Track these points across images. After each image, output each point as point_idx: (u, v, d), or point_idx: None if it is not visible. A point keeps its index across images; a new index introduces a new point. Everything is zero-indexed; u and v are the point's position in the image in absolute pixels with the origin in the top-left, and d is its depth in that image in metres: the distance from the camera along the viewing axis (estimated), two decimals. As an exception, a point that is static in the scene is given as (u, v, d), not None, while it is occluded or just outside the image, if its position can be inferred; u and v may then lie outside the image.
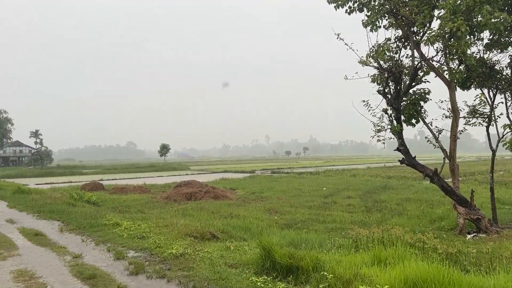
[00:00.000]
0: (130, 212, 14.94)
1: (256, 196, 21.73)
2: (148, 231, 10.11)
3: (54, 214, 13.74)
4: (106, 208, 16.57)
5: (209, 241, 9.60)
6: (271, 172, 48.55)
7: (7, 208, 16.59)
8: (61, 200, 17.14)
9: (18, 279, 6.63)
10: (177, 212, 14.83)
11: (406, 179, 30.92)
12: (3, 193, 22.55)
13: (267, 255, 6.66)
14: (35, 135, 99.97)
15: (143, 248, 8.61)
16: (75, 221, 12.09)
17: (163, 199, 20.32)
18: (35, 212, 14.63)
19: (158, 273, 6.74)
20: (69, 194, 19.48)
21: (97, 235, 10.15)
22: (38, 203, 16.52)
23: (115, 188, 25.87)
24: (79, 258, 7.96)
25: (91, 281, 6.42)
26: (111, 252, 8.40)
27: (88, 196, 19.18)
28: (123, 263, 7.54)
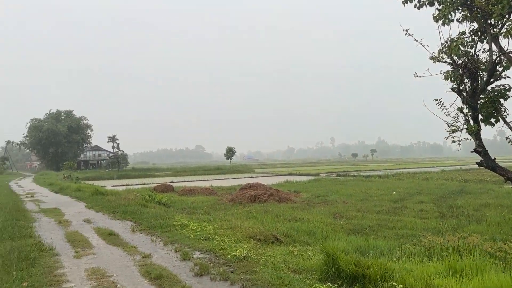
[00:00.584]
0: (197, 214, 15.34)
1: (321, 200, 21.32)
2: (213, 233, 10.27)
3: (127, 215, 14.48)
4: (175, 209, 17.17)
5: (273, 244, 9.52)
6: (336, 175, 47.53)
7: (85, 208, 17.83)
8: (134, 201, 18.06)
9: (91, 277, 7.03)
10: (241, 214, 14.98)
11: (485, 183, 28.65)
12: (82, 194, 24.31)
13: (332, 261, 6.43)
14: (113, 139, 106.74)
15: (208, 250, 8.75)
16: (146, 222, 12.64)
17: (229, 201, 20.66)
18: (110, 213, 15.54)
19: (222, 276, 6.79)
20: (142, 195, 20.48)
21: (165, 236, 10.51)
22: (113, 204, 17.56)
23: (184, 190, 26.81)
24: (148, 258, 8.27)
25: (158, 281, 6.62)
26: (178, 252, 8.63)
27: (159, 197, 20.04)
28: (189, 264, 7.71)
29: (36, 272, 7.27)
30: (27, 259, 8.14)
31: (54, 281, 6.78)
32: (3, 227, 12.15)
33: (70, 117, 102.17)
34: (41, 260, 8.20)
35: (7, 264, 7.62)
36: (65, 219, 14.43)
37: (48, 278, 6.95)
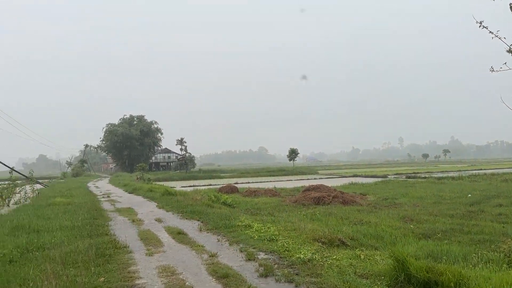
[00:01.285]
0: (261, 215, 15.47)
1: (389, 202, 20.52)
2: (277, 234, 10.29)
3: (195, 215, 14.98)
4: (239, 210, 17.47)
5: (338, 247, 9.32)
6: (405, 177, 45.53)
7: (156, 208, 18.71)
8: (201, 202, 18.65)
9: (161, 274, 7.35)
10: (305, 216, 14.85)
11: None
12: (154, 194, 25.55)
13: (401, 267, 6.16)
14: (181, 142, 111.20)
15: (272, 251, 8.78)
16: (213, 222, 12.98)
17: (292, 202, 20.60)
18: (179, 212, 16.17)
19: (287, 277, 6.77)
20: (208, 196, 21.08)
21: (231, 236, 10.72)
22: (182, 204, 18.26)
23: (248, 191, 27.20)
24: (214, 257, 8.49)
25: (224, 280, 6.76)
26: (243, 252, 8.76)
27: (224, 198, 20.51)
28: (253, 264, 7.79)
29: (112, 268, 7.74)
30: (103, 255, 8.71)
31: (128, 277, 7.18)
32: (82, 225, 13.11)
33: (142, 121, 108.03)
34: (116, 257, 8.73)
35: (86, 260, 8.19)
36: (138, 218, 15.25)
37: (123, 274, 7.38)
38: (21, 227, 12.48)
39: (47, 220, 14.25)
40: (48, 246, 9.82)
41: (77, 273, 7.20)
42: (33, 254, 9.07)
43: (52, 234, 11.37)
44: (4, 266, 8.01)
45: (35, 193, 29.18)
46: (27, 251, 9.33)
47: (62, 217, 15.03)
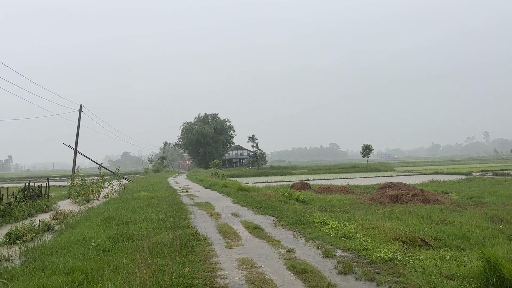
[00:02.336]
0: (335, 212, 15.27)
1: (475, 201, 19.14)
2: (354, 232, 10.11)
3: (269, 210, 15.21)
4: (313, 206, 17.39)
5: (420, 247, 8.92)
6: (492, 174, 42.06)
7: (232, 203, 19.27)
8: (274, 198, 18.86)
9: (241, 266, 7.59)
10: (382, 215, 14.38)
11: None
12: (228, 190, 26.33)
13: (493, 269, 5.76)
14: (252, 139, 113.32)
15: (350, 249, 8.66)
16: (287, 218, 13.08)
17: (368, 200, 20.03)
18: (254, 208, 16.51)
19: (367, 276, 6.65)
20: (281, 192, 21.25)
21: (306, 232, 10.74)
22: (256, 200, 18.62)
23: (320, 188, 26.94)
24: (291, 252, 8.57)
25: (303, 275, 6.81)
26: (319, 249, 8.74)
27: (297, 194, 20.54)
28: (331, 261, 7.75)
29: (195, 259, 8.16)
30: (187, 247, 9.19)
31: (210, 268, 7.51)
32: (166, 217, 13.92)
33: (215, 119, 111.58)
34: (198, 249, 9.16)
35: (171, 251, 8.70)
36: (216, 212, 15.83)
37: (205, 265, 7.74)
38: (112, 219, 13.55)
39: (133, 212, 15.33)
40: (136, 236, 10.57)
41: (164, 262, 7.69)
42: (123, 244, 9.82)
43: (139, 225, 12.23)
44: (99, 254, 8.78)
45: (121, 187, 31.48)
46: (118, 241, 10.12)
47: (147, 210, 16.07)
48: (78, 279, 6.83)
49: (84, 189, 24.52)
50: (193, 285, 6.39)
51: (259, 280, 6.65)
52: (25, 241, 11.13)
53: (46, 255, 8.88)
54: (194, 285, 6.40)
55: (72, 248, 9.41)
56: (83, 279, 6.81)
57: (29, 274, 7.40)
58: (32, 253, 9.31)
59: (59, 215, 16.17)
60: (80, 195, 23.93)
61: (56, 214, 16.38)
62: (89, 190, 24.57)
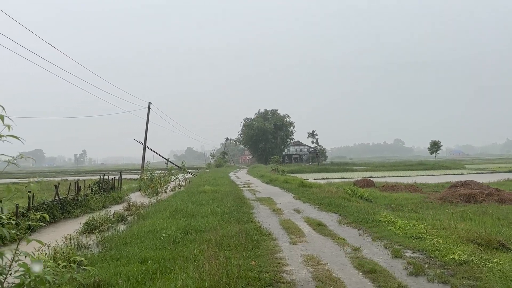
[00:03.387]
0: (403, 211, 14.73)
1: (560, 203, 17.49)
2: (424, 232, 9.69)
3: (332, 207, 15.01)
4: (378, 204, 16.90)
5: (497, 250, 8.34)
6: None
7: (293, 199, 19.27)
8: (337, 195, 18.58)
9: (307, 263, 7.57)
10: (454, 215, 13.63)
11: None
12: (289, 186, 26.36)
13: None
14: (312, 135, 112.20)
15: (420, 249, 8.32)
16: (351, 215, 12.84)
17: (437, 199, 19.06)
18: (316, 204, 16.38)
19: (440, 278, 6.36)
20: (344, 189, 20.89)
21: (372, 231, 10.47)
22: (318, 196, 18.46)
23: (385, 186, 26.09)
24: (358, 251, 8.41)
25: (372, 275, 6.66)
26: (388, 249, 8.49)
27: (360, 192, 20.07)
28: (401, 261, 7.49)
29: (261, 253, 8.27)
30: (252, 241, 9.35)
31: (276, 263, 7.58)
32: (230, 211, 14.25)
33: (275, 115, 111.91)
34: (263, 243, 9.28)
35: (238, 244, 8.90)
36: (278, 207, 15.92)
37: (271, 260, 7.82)
38: (179, 211, 14.13)
39: (199, 205, 15.87)
40: (203, 229, 10.94)
41: (231, 255, 7.89)
42: (191, 235, 10.20)
43: (206, 218, 12.64)
44: (170, 245, 9.20)
45: (186, 181, 32.68)
46: (186, 233, 10.53)
47: (212, 203, 16.55)
48: (151, 268, 7.20)
49: (153, 182, 25.78)
50: (260, 279, 6.48)
51: (326, 277, 6.61)
52: (102, 231, 11.94)
53: (121, 245, 9.44)
54: (261, 279, 6.50)
55: (145, 238, 9.93)
56: (156, 269, 7.18)
57: (106, 262, 7.91)
58: (109, 242, 9.96)
59: (131, 207, 17.16)
60: (149, 188, 25.19)
61: (129, 206, 17.39)
62: (157, 183, 25.79)
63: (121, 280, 6.52)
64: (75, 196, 17.18)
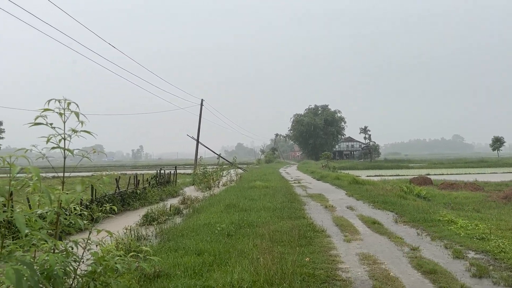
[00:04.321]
0: (463, 210, 14.03)
1: None
2: (488, 233, 9.18)
3: (387, 205, 14.59)
4: (436, 203, 16.20)
5: None
6: None
7: (346, 196, 18.94)
8: (392, 193, 18.02)
9: (363, 261, 7.43)
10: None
11: None
12: (341, 182, 25.93)
13: None
14: (364, 131, 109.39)
15: (484, 251, 7.89)
16: (408, 214, 12.41)
17: (501, 198, 17.93)
18: (370, 202, 15.99)
19: (506, 281, 6.01)
20: (399, 187, 20.22)
21: (431, 230, 10.06)
22: (372, 194, 18.02)
23: (444, 184, 24.96)
24: (416, 251, 8.12)
25: (432, 275, 6.41)
26: (448, 249, 8.13)
27: (417, 190, 19.34)
28: (462, 263, 7.15)
29: (314, 250, 8.23)
30: (305, 237, 9.32)
31: (330, 260, 7.51)
32: (281, 207, 14.28)
33: (326, 111, 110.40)
34: (316, 240, 9.22)
35: (291, 240, 8.91)
36: (330, 204, 15.73)
37: (325, 257, 7.76)
38: (232, 206, 14.36)
39: (251, 200, 16.04)
40: (256, 223, 11.06)
41: (284, 250, 7.92)
42: (245, 230, 10.34)
43: (258, 213, 12.75)
44: (224, 238, 9.39)
45: (238, 176, 33.14)
46: (240, 227, 10.69)
47: (263, 199, 16.67)
48: (208, 260, 7.40)
49: (206, 177, 26.41)
50: (315, 275, 6.46)
51: (383, 276, 6.45)
52: (160, 223, 12.41)
53: (178, 236, 9.77)
54: (316, 275, 6.47)
55: (200, 231, 10.21)
56: (212, 261, 7.36)
57: (165, 253, 8.22)
58: (166, 234, 10.33)
59: (186, 200, 17.68)
60: (202, 183, 25.84)
61: (184, 199, 17.93)
62: (210, 178, 26.39)
63: (179, 270, 6.76)
64: (134, 189, 17.99)
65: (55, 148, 2.92)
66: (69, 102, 2.90)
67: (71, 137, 2.93)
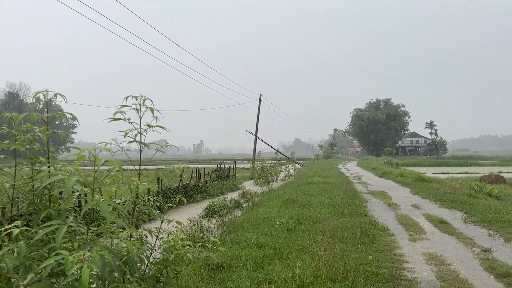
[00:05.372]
0: (543, 212, 12.93)
1: None
2: None
3: (456, 204, 13.84)
4: (510, 203, 15.08)
5: None
6: None
7: (410, 194, 18.21)
8: (461, 191, 17.06)
9: (430, 262, 7.12)
10: None
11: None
12: (405, 180, 24.95)
13: None
14: (430, 126, 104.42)
15: None
16: (479, 214, 11.69)
17: None
18: (437, 200, 15.24)
19: None
20: (468, 185, 19.10)
21: (505, 231, 9.40)
22: (439, 192, 17.18)
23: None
24: (488, 252, 7.64)
25: (506, 279, 6.01)
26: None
27: (488, 188, 18.15)
28: (543, 268, 6.62)
29: (378, 248, 8.02)
30: (367, 235, 9.11)
31: (395, 259, 7.27)
32: (342, 203, 14.05)
33: (388, 105, 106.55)
34: (379, 238, 8.97)
35: (352, 237, 8.75)
36: (393, 202, 15.22)
37: (389, 256, 7.53)
38: (291, 201, 14.38)
39: (310, 196, 15.95)
40: (315, 219, 10.99)
41: (346, 247, 7.81)
42: (304, 225, 10.31)
43: (317, 209, 12.66)
44: (284, 233, 9.44)
45: (296, 172, 33.09)
46: (299, 222, 10.68)
47: (322, 194, 16.51)
48: (268, 254, 7.48)
49: (264, 172, 26.64)
50: (379, 274, 6.30)
51: (452, 278, 6.14)
52: (221, 215, 12.73)
53: (239, 229, 9.96)
54: (380, 274, 6.31)
55: (260, 225, 10.34)
56: (273, 254, 7.43)
57: (227, 245, 8.43)
58: (227, 227, 10.59)
59: (245, 194, 17.98)
60: (261, 177, 26.11)
61: (243, 193, 18.25)
62: (268, 173, 26.59)
63: (241, 262, 6.92)
64: (196, 183, 18.61)
65: (132, 142, 3.11)
66: (145, 99, 3.07)
67: (146, 132, 3.10)
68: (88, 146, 2.81)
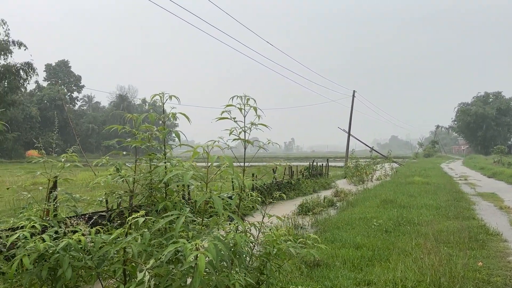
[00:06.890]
0: None
1: None
2: None
3: None
4: None
5: None
6: None
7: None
8: None
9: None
10: None
11: None
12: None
13: None
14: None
15: None
16: None
17: None
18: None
19: None
20: None
21: None
22: None
23: None
24: None
25: None
26: None
27: None
28: None
29: (488, 255, 7.35)
30: (476, 240, 8.39)
31: (509, 267, 6.61)
32: (446, 206, 13.10)
33: (498, 98, 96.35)
34: (490, 244, 8.21)
35: (459, 242, 8.12)
36: (506, 205, 13.79)
37: (502, 263, 6.86)
38: (389, 201, 13.79)
39: (410, 197, 15.14)
40: (416, 221, 10.40)
41: (452, 252, 7.28)
42: (404, 227, 9.83)
43: (418, 211, 11.98)
44: (382, 234, 9.10)
45: (393, 171, 31.58)
46: (398, 224, 10.21)
47: (424, 195, 15.56)
48: (366, 255, 7.29)
49: (358, 170, 25.89)
50: (490, 282, 5.78)
51: None
52: (315, 214, 12.68)
53: (333, 228, 9.83)
54: (491, 282, 5.79)
55: (356, 225, 10.09)
56: (371, 256, 7.22)
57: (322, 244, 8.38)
58: (322, 225, 10.50)
59: (339, 193, 17.68)
60: (355, 176, 25.43)
61: (337, 192, 17.96)
62: (363, 171, 25.79)
63: (338, 262, 6.84)
64: (289, 180, 18.77)
65: (236, 140, 3.28)
66: (248, 98, 3.21)
67: (250, 130, 3.24)
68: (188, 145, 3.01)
